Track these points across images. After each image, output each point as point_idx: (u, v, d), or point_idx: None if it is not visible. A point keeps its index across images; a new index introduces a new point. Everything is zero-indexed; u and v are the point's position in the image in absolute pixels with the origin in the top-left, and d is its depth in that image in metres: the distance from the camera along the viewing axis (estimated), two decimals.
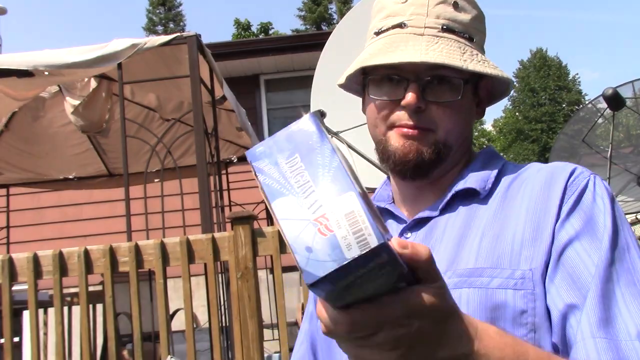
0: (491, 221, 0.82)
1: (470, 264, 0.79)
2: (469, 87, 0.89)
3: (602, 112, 5.42)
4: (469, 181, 0.88)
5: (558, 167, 0.85)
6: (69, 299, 4.35)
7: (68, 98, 4.23)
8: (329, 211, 0.51)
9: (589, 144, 5.68)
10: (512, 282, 0.75)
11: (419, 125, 0.86)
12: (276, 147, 0.56)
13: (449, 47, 0.85)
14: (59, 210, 7.89)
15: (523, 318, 0.74)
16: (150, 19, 33.36)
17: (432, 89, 0.86)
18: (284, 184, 0.53)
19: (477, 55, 0.88)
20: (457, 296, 0.76)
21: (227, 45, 8.85)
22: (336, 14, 31.36)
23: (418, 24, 0.87)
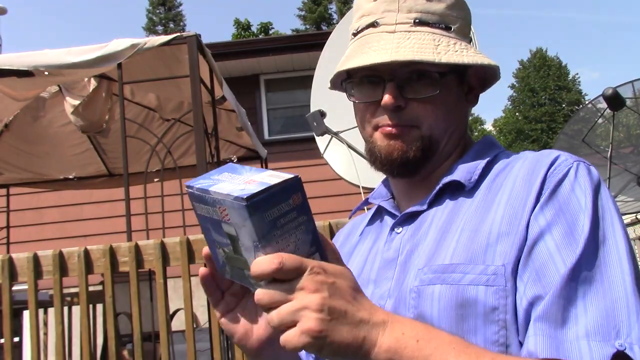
0: (472, 215, 0.81)
1: (446, 259, 0.77)
2: (451, 78, 0.87)
3: (602, 112, 5.42)
4: (456, 174, 0.86)
5: (542, 155, 0.82)
6: (69, 299, 4.35)
7: (68, 98, 4.23)
8: (254, 178, 0.65)
9: (589, 144, 5.68)
10: (485, 278, 0.73)
11: (401, 124, 0.86)
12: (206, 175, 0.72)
13: (421, 42, 0.83)
14: (59, 210, 7.90)
15: (494, 315, 0.73)
16: (150, 19, 33.38)
17: (411, 86, 0.85)
18: (216, 180, 0.68)
19: (455, 44, 0.86)
20: (430, 292, 0.76)
21: (227, 45, 8.85)
22: (336, 14, 31.37)
23: (389, 22, 0.86)
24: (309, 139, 4.22)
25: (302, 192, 0.64)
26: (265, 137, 8.50)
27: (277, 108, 8.87)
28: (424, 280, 0.78)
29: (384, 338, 0.65)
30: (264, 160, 5.88)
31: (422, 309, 0.76)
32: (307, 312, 0.61)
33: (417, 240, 0.84)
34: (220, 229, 0.68)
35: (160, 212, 3.56)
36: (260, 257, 0.63)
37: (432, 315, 0.75)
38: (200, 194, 0.67)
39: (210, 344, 2.66)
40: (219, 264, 0.75)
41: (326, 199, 7.70)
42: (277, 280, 0.63)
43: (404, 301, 0.79)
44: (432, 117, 0.86)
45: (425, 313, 0.76)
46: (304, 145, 7.50)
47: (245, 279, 0.70)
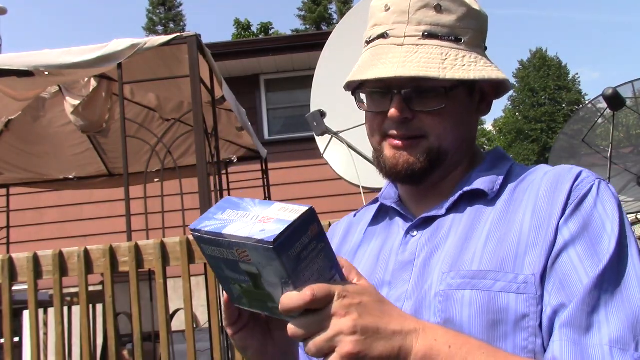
0: (497, 224, 0.83)
1: (474, 266, 0.79)
2: (460, 90, 0.88)
3: (602, 112, 5.42)
4: (478, 182, 0.88)
5: (564, 170, 0.84)
6: (69, 299, 4.35)
7: (68, 98, 4.23)
8: (266, 214, 0.65)
9: (589, 144, 5.68)
10: (515, 286, 0.76)
11: (407, 135, 0.87)
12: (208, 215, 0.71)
13: (428, 56, 0.84)
14: (59, 210, 7.89)
15: (525, 322, 0.75)
16: (151, 19, 33.37)
17: (418, 98, 0.86)
18: (224, 221, 0.67)
19: (463, 57, 0.86)
20: (460, 297, 0.77)
21: (227, 45, 8.85)
22: (336, 14, 31.36)
23: (399, 34, 0.87)
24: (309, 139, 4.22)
25: (317, 222, 0.65)
26: (265, 137, 8.50)
27: (277, 108, 8.87)
28: (452, 284, 0.79)
29: (419, 346, 0.68)
30: (264, 160, 5.88)
31: (450, 314, 0.78)
32: (342, 337, 0.64)
33: (436, 244, 0.85)
34: (237, 268, 0.67)
35: (160, 212, 3.56)
36: (291, 292, 0.64)
37: (462, 320, 0.77)
38: (213, 238, 0.66)
39: (210, 344, 2.66)
40: (234, 296, 0.74)
41: (326, 199, 7.70)
42: (307, 310, 0.65)
43: (428, 304, 0.80)
44: (440, 128, 0.87)
45: (454, 317, 0.77)
46: (304, 145, 7.50)
47: (268, 309, 0.70)
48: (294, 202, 0.67)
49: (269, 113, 8.80)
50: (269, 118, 8.78)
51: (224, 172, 5.65)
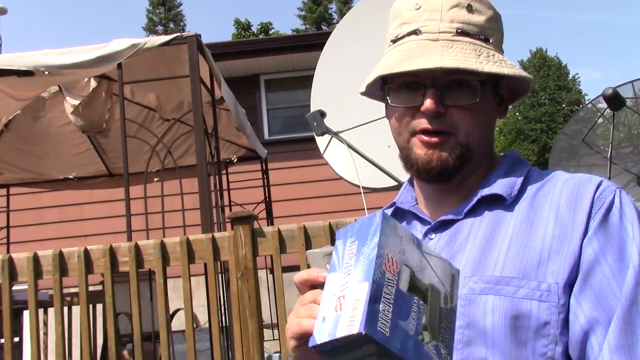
0: (518, 230, 0.83)
1: (497, 271, 0.80)
2: (488, 88, 0.90)
3: (602, 112, 5.42)
4: (496, 187, 0.89)
5: (584, 179, 0.86)
6: (69, 299, 4.34)
7: (68, 98, 4.23)
8: (348, 293, 0.61)
9: (589, 144, 5.68)
10: (538, 294, 0.77)
11: (440, 129, 0.87)
12: (350, 231, 0.69)
13: (463, 51, 0.86)
14: (59, 210, 7.89)
15: (546, 329, 0.76)
16: (150, 19, 33.37)
17: (451, 93, 0.87)
18: (340, 262, 0.66)
19: (493, 55, 0.88)
20: (483, 301, 0.79)
21: (227, 45, 8.85)
22: (336, 14, 31.37)
23: (432, 30, 0.88)
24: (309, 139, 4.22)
25: (371, 342, 0.59)
26: (265, 137, 8.50)
27: (277, 108, 8.87)
28: (475, 289, 0.80)
29: None
30: (264, 160, 5.88)
31: (473, 318, 0.79)
32: None
33: (456, 248, 0.86)
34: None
35: (160, 212, 3.56)
36: None
37: (485, 325, 0.78)
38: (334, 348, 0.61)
39: (210, 344, 2.66)
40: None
41: (326, 199, 7.70)
42: None
43: None
44: (470, 124, 0.88)
45: (477, 321, 0.79)
46: (304, 145, 7.49)
47: None
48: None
49: (269, 113, 8.80)
50: (269, 118, 8.78)
51: (224, 172, 5.65)
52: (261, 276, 3.18)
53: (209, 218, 3.26)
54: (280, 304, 2.58)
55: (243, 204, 5.46)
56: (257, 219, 2.79)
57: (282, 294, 2.58)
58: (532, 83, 0.95)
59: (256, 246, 2.58)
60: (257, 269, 2.60)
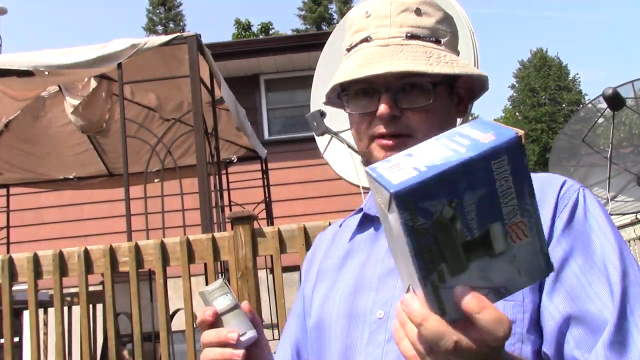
0: None
1: None
2: (443, 88, 0.90)
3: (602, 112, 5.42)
4: None
5: (548, 179, 0.86)
6: (69, 299, 4.35)
7: (68, 98, 4.23)
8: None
9: (589, 144, 5.68)
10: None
11: (396, 132, 0.88)
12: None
13: (413, 54, 0.87)
14: (59, 210, 7.90)
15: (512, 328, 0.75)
16: (150, 19, 33.37)
17: (405, 96, 0.88)
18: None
19: (445, 56, 0.89)
20: None
21: (227, 45, 8.85)
22: (336, 14, 31.37)
23: (382, 36, 0.89)
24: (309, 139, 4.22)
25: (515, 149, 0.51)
26: (265, 137, 8.50)
27: (277, 108, 8.87)
28: None
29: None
30: (264, 160, 5.88)
31: None
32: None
33: None
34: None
35: (160, 212, 3.56)
36: (440, 325, 0.54)
37: None
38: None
39: None
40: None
41: (326, 199, 7.70)
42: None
43: None
44: (426, 126, 0.88)
45: None
46: (304, 145, 7.50)
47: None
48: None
49: (269, 113, 8.80)
50: (269, 118, 8.78)
51: (224, 172, 5.65)
52: (261, 276, 3.18)
53: (209, 218, 3.26)
54: (280, 304, 2.58)
55: (243, 204, 5.46)
56: (257, 219, 2.79)
57: (282, 294, 2.58)
58: (488, 81, 0.94)
59: (256, 246, 2.58)
60: (257, 269, 2.61)
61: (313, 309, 0.96)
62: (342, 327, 0.87)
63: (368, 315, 0.85)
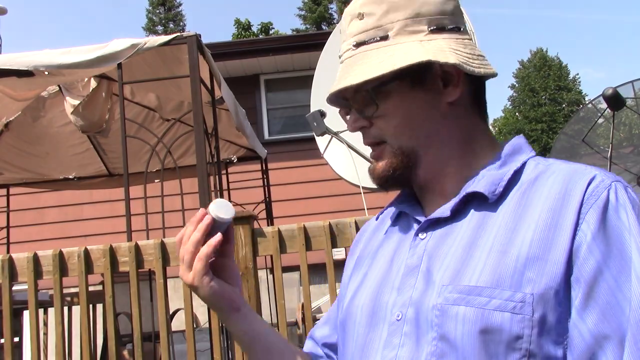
0: (502, 233, 0.77)
1: (472, 280, 0.75)
2: (395, 85, 0.84)
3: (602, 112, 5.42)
4: (481, 183, 0.83)
5: (576, 172, 0.78)
6: (69, 299, 4.35)
7: (68, 98, 4.23)
8: None
9: (589, 143, 5.68)
10: (511, 305, 0.72)
11: (370, 142, 0.90)
12: None
13: (350, 67, 0.87)
14: (59, 210, 7.90)
15: (518, 343, 0.71)
16: (150, 19, 33.36)
17: (364, 107, 0.88)
18: None
19: (384, 53, 0.84)
20: (454, 313, 0.74)
21: (227, 45, 8.85)
22: (336, 14, 31.36)
23: (342, 51, 0.90)
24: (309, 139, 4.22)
25: None
26: (265, 137, 8.50)
27: (277, 108, 8.88)
28: (449, 299, 0.76)
29: None
30: (264, 160, 5.88)
31: (445, 330, 0.75)
32: None
33: (441, 251, 0.82)
34: None
35: (160, 212, 3.55)
36: None
37: (455, 337, 0.74)
38: None
39: (210, 344, 2.66)
40: None
41: (326, 199, 7.70)
42: None
43: (425, 316, 0.78)
44: (391, 128, 0.87)
45: (449, 334, 0.74)
46: (304, 145, 7.50)
47: None
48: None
49: (269, 113, 8.81)
50: (269, 118, 8.78)
51: (224, 172, 5.65)
52: (261, 276, 3.18)
53: None
54: (280, 304, 2.58)
55: (243, 204, 5.46)
56: (257, 219, 2.79)
57: (282, 294, 2.58)
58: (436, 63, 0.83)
59: (256, 246, 2.58)
60: (257, 269, 2.60)
61: (345, 299, 0.94)
62: (364, 324, 0.86)
63: (388, 316, 0.82)
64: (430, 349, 0.75)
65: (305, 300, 2.57)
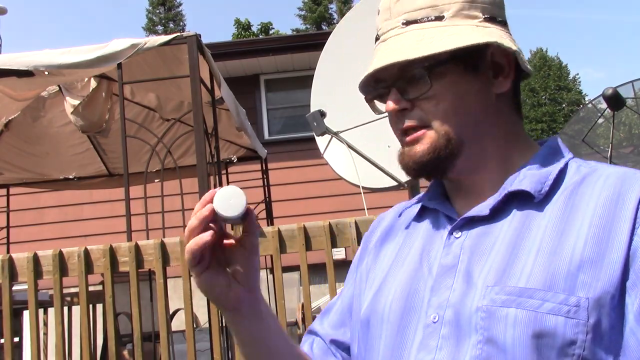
0: (550, 234, 0.75)
1: (521, 282, 0.72)
2: (450, 67, 0.81)
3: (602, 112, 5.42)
4: (525, 182, 0.80)
5: (628, 176, 0.76)
6: (69, 299, 4.35)
7: (68, 98, 4.23)
8: None
9: (589, 143, 5.68)
10: (565, 309, 0.69)
11: (410, 125, 0.83)
12: None
13: (402, 43, 0.82)
14: (59, 210, 7.90)
15: (571, 349, 0.69)
16: (150, 19, 33.37)
17: (411, 87, 0.83)
18: None
19: (443, 32, 0.81)
20: (504, 315, 0.72)
21: (227, 45, 8.85)
22: (336, 14, 31.37)
23: (385, 30, 0.86)
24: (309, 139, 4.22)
25: None
26: (265, 137, 8.50)
27: (277, 108, 8.88)
28: (496, 300, 0.73)
29: None
30: (264, 160, 5.88)
31: (493, 333, 0.72)
32: None
33: (481, 251, 0.79)
34: None
35: (160, 212, 3.56)
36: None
37: (505, 341, 0.71)
38: None
39: (210, 344, 2.66)
40: None
41: (326, 199, 7.70)
42: None
43: (468, 319, 0.74)
44: (439, 113, 0.81)
45: (497, 337, 0.71)
46: (304, 145, 7.50)
47: None
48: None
49: (269, 113, 8.81)
50: (269, 118, 8.78)
51: (224, 172, 5.65)
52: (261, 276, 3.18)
53: None
54: (280, 304, 2.58)
55: None
56: (257, 219, 2.79)
57: (282, 294, 2.58)
58: (501, 45, 0.81)
59: None
60: None
61: (367, 294, 0.90)
62: (394, 324, 0.82)
63: (422, 317, 0.79)
64: (475, 353, 0.72)
65: (305, 300, 2.57)
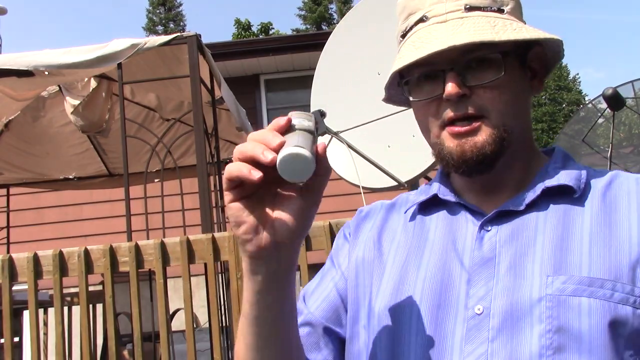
0: (596, 227, 0.77)
1: (584, 271, 0.74)
2: (514, 60, 0.81)
3: (602, 112, 5.42)
4: (562, 178, 0.81)
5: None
6: (69, 299, 4.34)
7: (68, 98, 4.23)
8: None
9: (589, 143, 5.68)
10: (632, 299, 0.72)
11: (468, 114, 0.80)
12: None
13: (476, 25, 0.79)
14: (59, 210, 7.90)
15: (638, 339, 0.71)
16: (150, 19, 33.37)
17: (473, 72, 0.79)
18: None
19: (511, 24, 0.80)
20: (576, 304, 0.72)
21: (227, 45, 8.85)
22: (336, 14, 31.36)
23: (439, 12, 0.82)
24: None
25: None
26: None
27: (277, 108, 8.88)
28: (564, 289, 0.73)
29: None
30: None
31: (564, 321, 0.72)
32: None
33: (523, 243, 0.79)
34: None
35: (160, 212, 3.56)
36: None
37: (580, 329, 0.71)
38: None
39: (210, 344, 2.66)
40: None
41: (326, 199, 7.65)
42: None
43: (529, 308, 0.74)
44: (500, 103, 0.80)
45: (571, 326, 0.72)
46: None
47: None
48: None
49: (269, 113, 8.81)
50: (269, 118, 8.78)
51: (224, 172, 5.65)
52: None
53: (209, 218, 3.26)
54: None
55: None
56: None
57: None
58: (562, 46, 0.85)
59: None
60: None
61: (377, 288, 0.86)
62: (428, 317, 0.79)
63: (462, 309, 0.78)
64: (545, 342, 0.72)
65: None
